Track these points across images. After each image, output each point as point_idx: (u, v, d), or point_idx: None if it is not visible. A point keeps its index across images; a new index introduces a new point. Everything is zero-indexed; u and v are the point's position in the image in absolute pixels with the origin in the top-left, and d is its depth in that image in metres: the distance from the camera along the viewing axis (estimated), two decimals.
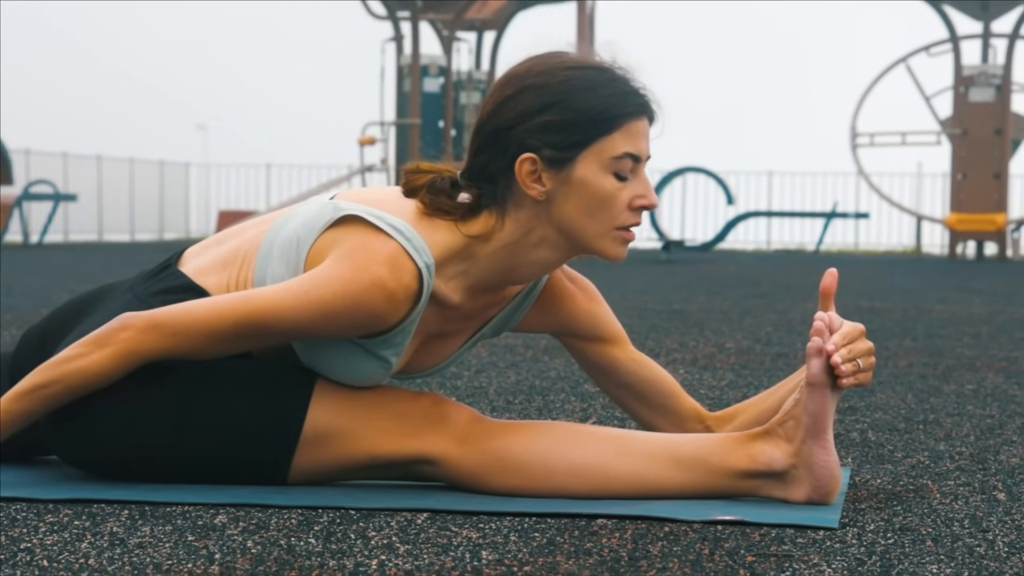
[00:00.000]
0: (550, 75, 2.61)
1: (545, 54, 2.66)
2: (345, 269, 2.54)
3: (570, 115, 2.58)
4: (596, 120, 2.59)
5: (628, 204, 2.62)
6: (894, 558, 2.19)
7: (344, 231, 2.59)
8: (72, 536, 2.25)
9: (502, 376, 4.68)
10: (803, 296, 10.16)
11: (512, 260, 2.65)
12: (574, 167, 2.59)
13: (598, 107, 2.59)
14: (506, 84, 2.64)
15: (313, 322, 2.55)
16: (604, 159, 2.59)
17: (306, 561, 2.11)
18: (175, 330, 2.55)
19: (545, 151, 2.58)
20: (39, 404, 2.58)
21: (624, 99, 2.61)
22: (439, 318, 2.67)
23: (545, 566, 2.10)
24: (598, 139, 2.59)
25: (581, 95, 2.59)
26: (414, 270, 2.56)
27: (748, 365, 5.19)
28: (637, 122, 2.62)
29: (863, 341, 2.59)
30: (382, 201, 2.64)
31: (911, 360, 5.47)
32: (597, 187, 2.60)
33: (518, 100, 2.60)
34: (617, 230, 2.63)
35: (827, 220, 25.53)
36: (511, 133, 2.60)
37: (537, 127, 2.58)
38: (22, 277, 11.57)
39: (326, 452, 2.64)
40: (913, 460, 3.14)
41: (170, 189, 33.66)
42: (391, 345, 2.61)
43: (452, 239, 2.62)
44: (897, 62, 22.95)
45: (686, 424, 2.91)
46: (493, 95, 2.64)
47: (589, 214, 2.61)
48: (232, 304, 2.56)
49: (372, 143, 22.19)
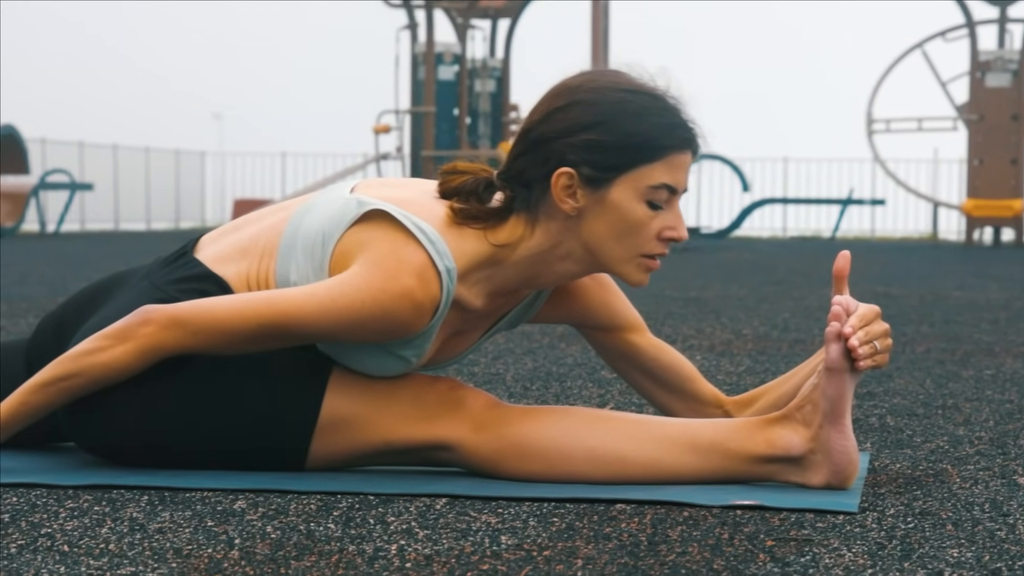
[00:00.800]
0: (602, 94, 2.59)
1: (601, 71, 2.65)
2: (374, 277, 2.53)
3: (615, 137, 2.57)
4: (640, 147, 2.57)
5: (657, 234, 2.61)
6: (914, 542, 2.18)
7: (371, 231, 2.58)
8: (92, 521, 2.25)
9: (519, 363, 4.68)
10: (820, 283, 10.15)
11: (536, 269, 2.65)
12: (610, 189, 2.58)
13: (645, 134, 2.57)
14: (558, 95, 2.62)
15: (339, 329, 2.55)
16: (641, 186, 2.58)
17: (325, 546, 2.11)
18: (197, 328, 2.55)
19: (584, 168, 2.57)
20: (58, 396, 2.58)
21: (672, 131, 2.59)
22: (459, 319, 2.67)
23: (564, 551, 2.10)
24: (639, 166, 2.57)
25: (630, 119, 2.57)
26: (439, 278, 2.56)
27: (765, 351, 5.18)
28: (680, 155, 2.60)
29: (879, 323, 2.59)
30: (408, 202, 2.62)
31: (929, 346, 5.46)
32: (629, 213, 2.59)
33: (567, 113, 2.59)
34: (642, 257, 2.62)
35: (843, 207, 25.49)
36: (554, 144, 2.58)
37: (580, 143, 2.57)
38: (39, 266, 11.59)
39: (343, 439, 2.64)
40: (932, 445, 3.14)
41: (186, 178, 33.70)
42: (413, 347, 2.61)
43: (479, 248, 2.60)
44: (913, 47, 22.90)
45: (704, 409, 2.91)
46: (543, 103, 2.63)
47: (617, 237, 2.60)
48: (257, 306, 2.56)
49: (387, 131, 22.18)
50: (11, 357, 2.88)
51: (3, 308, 6.81)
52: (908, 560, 2.07)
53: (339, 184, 2.74)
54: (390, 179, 2.77)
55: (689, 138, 2.61)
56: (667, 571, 1.98)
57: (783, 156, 30.51)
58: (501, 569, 1.99)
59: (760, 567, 2.01)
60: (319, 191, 2.75)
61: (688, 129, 2.61)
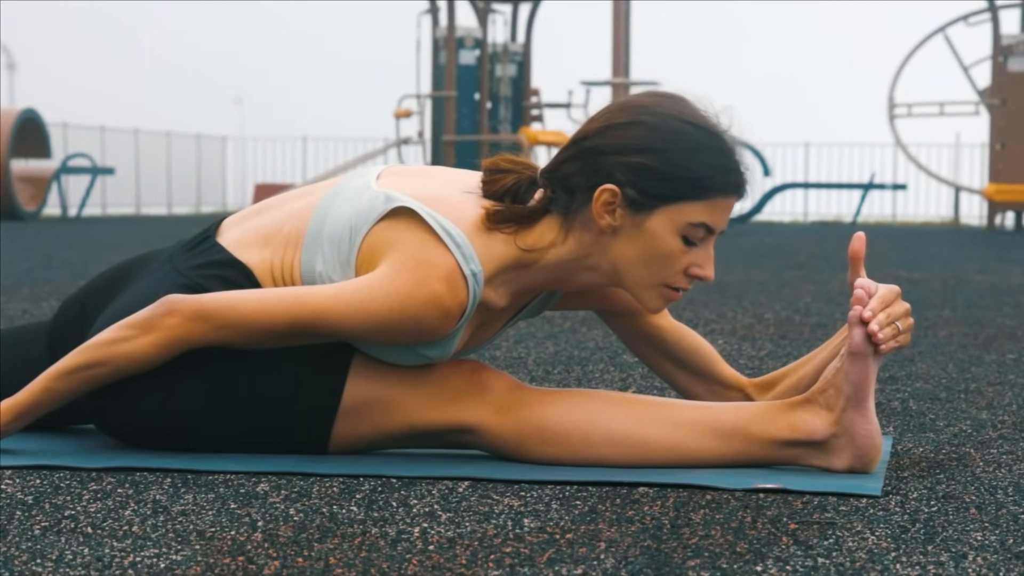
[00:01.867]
0: (664, 120, 2.57)
1: (669, 95, 2.62)
2: (403, 282, 2.53)
3: (668, 168, 2.55)
4: (690, 183, 2.55)
5: (685, 268, 2.60)
6: (938, 525, 2.18)
7: (399, 230, 2.57)
8: (116, 503, 2.26)
9: (540, 347, 4.68)
10: (841, 267, 10.13)
11: (560, 275, 2.64)
12: (650, 216, 2.56)
13: (696, 172, 2.55)
14: (620, 110, 2.60)
15: (365, 331, 2.55)
16: (680, 221, 2.57)
17: (348, 529, 2.11)
18: (223, 323, 2.55)
19: (629, 190, 2.56)
20: (81, 384, 2.58)
21: (724, 175, 2.57)
22: (481, 315, 2.66)
23: (587, 534, 2.10)
24: (683, 201, 2.56)
25: (685, 153, 2.55)
26: (466, 283, 2.55)
27: (787, 335, 5.17)
28: (726, 199, 2.59)
29: (900, 303, 2.58)
30: (436, 199, 2.60)
31: (951, 330, 5.45)
32: (663, 243, 2.58)
33: (626, 131, 2.57)
34: (665, 287, 2.62)
35: (864, 191, 25.43)
36: (606, 159, 2.57)
37: (632, 165, 2.55)
38: (60, 250, 11.62)
39: (365, 422, 2.64)
40: (955, 429, 3.13)
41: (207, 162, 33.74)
42: (437, 348, 2.61)
43: (506, 251, 2.59)
44: (935, 32, 22.82)
45: (726, 392, 2.90)
46: (604, 115, 2.61)
47: (645, 264, 2.59)
48: (285, 304, 2.55)
49: (408, 116, 22.18)
50: (32, 339, 2.88)
51: (26, 291, 6.83)
52: (932, 543, 2.06)
53: (365, 171, 2.73)
54: (417, 167, 2.76)
55: (738, 184, 2.59)
56: (690, 554, 1.98)
57: (804, 141, 30.44)
58: (524, 552, 1.99)
59: (783, 550, 2.01)
60: (344, 177, 2.73)
61: (740, 175, 2.59)
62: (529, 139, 21.14)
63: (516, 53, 23.12)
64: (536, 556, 1.96)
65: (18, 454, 2.62)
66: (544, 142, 21.43)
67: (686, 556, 1.97)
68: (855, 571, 1.90)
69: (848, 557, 1.97)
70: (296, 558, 1.93)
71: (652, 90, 2.66)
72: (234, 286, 2.65)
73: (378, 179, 2.68)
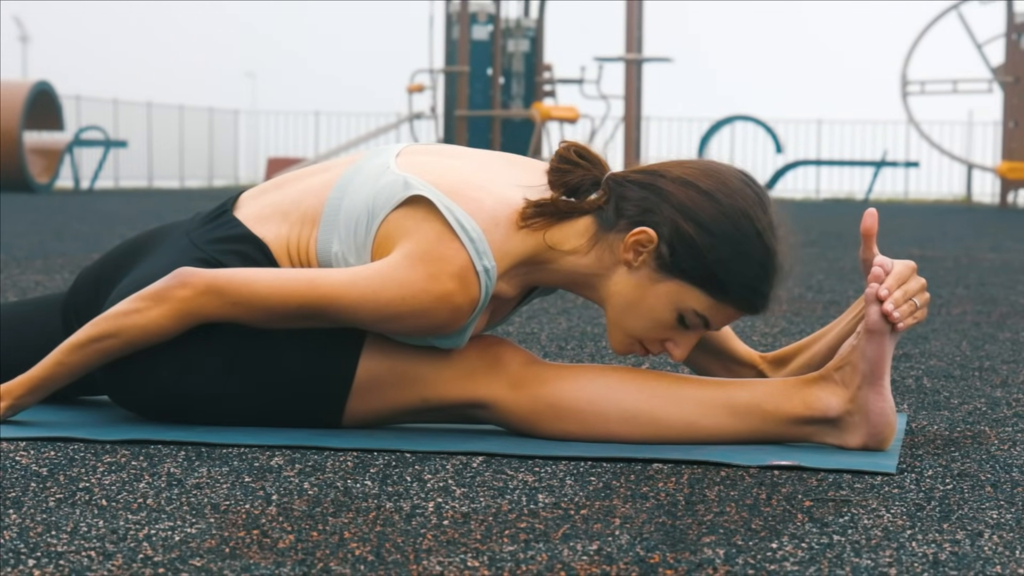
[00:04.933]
0: (736, 212, 2.54)
1: (756, 188, 2.58)
2: (417, 276, 2.52)
3: (707, 255, 2.53)
4: (716, 280, 2.54)
5: (662, 338, 2.61)
6: (953, 503, 2.17)
7: (415, 219, 2.55)
8: (130, 476, 2.26)
9: (553, 323, 4.67)
10: (854, 244, 10.11)
11: (566, 282, 2.63)
12: (664, 280, 2.55)
13: (728, 276, 2.53)
14: (708, 175, 2.57)
15: (377, 320, 2.55)
16: (686, 302, 2.56)
17: (363, 503, 2.11)
18: (236, 299, 2.55)
19: (664, 247, 2.54)
20: (94, 357, 2.58)
21: (749, 295, 2.56)
22: (492, 304, 2.66)
23: (602, 509, 2.10)
24: (699, 288, 2.55)
25: (731, 254, 2.53)
26: (478, 279, 2.55)
27: (800, 312, 5.16)
28: (737, 312, 2.59)
29: (916, 279, 2.57)
30: (454, 189, 2.56)
31: (964, 308, 5.44)
32: (658, 310, 2.57)
33: (699, 197, 2.54)
34: (637, 341, 2.62)
35: (877, 169, 25.38)
36: (664, 208, 2.55)
37: (681, 230, 2.53)
38: (73, 222, 11.63)
39: (379, 397, 2.64)
40: (969, 407, 3.12)
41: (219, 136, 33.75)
42: (448, 339, 2.60)
43: (524, 246, 2.58)
44: (949, 9, 22.75)
45: (739, 368, 2.90)
46: (694, 169, 2.58)
47: (632, 315, 2.59)
48: (298, 286, 2.55)
49: (421, 91, 22.16)
50: (47, 312, 2.88)
51: (39, 263, 6.84)
52: (947, 521, 2.06)
53: (384, 149, 2.71)
54: (437, 147, 2.74)
55: (756, 309, 2.59)
56: (705, 531, 1.98)
57: (816, 118, 30.38)
58: (539, 527, 1.98)
59: (799, 527, 2.01)
60: (364, 154, 2.72)
61: (763, 303, 2.58)
62: (542, 114, 21.12)
63: (529, 28, 23.07)
64: (551, 532, 1.96)
65: (32, 426, 2.62)
66: (556, 117, 21.41)
67: (701, 532, 1.97)
68: (871, 548, 1.89)
69: (864, 535, 1.97)
70: (311, 532, 1.93)
71: (749, 175, 2.62)
72: (250, 262, 2.65)
73: (398, 158, 2.67)
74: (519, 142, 21.81)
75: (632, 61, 20.64)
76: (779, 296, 2.61)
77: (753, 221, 2.55)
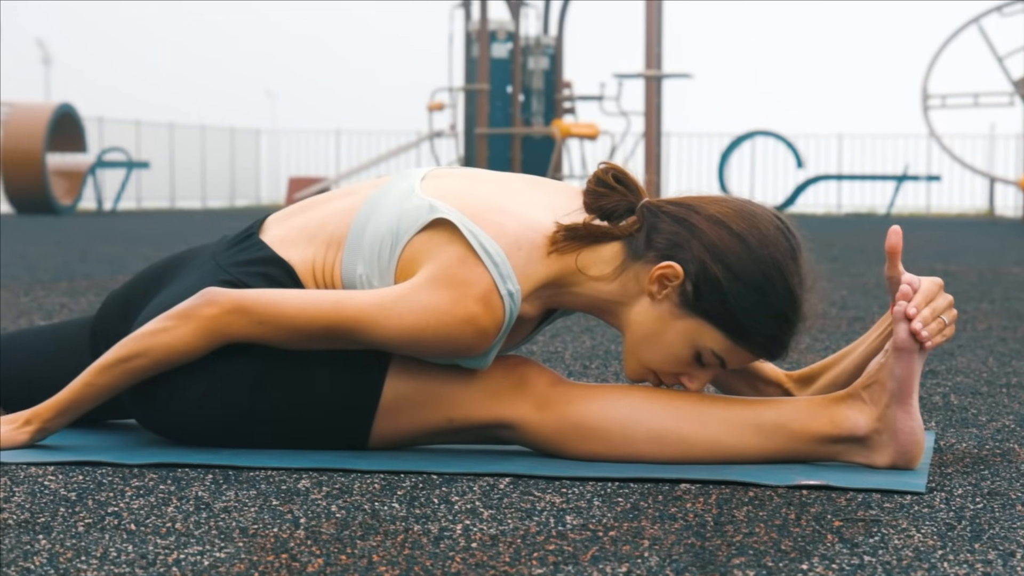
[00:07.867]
0: (765, 258, 2.54)
1: (787, 235, 2.58)
2: (442, 300, 2.52)
3: (732, 298, 2.53)
4: (737, 324, 2.54)
5: (676, 371, 2.61)
6: (984, 522, 2.16)
7: (439, 242, 2.55)
8: (158, 500, 2.26)
9: (577, 341, 4.67)
10: (876, 259, 10.08)
11: (588, 306, 2.63)
12: (685, 317, 2.56)
13: (750, 321, 2.54)
14: (741, 217, 2.56)
15: (402, 343, 2.55)
16: (704, 341, 2.56)
17: (391, 526, 2.11)
18: (262, 319, 2.56)
19: (689, 285, 2.54)
20: (122, 378, 2.59)
21: (769, 342, 2.57)
22: (516, 325, 2.66)
23: (630, 531, 2.09)
24: (720, 331, 2.55)
25: (755, 300, 2.53)
26: (503, 303, 2.55)
27: (824, 329, 5.15)
28: (754, 357, 2.60)
29: (943, 296, 2.56)
30: (478, 214, 2.56)
31: (990, 323, 5.42)
32: (676, 346, 2.58)
33: (730, 239, 2.54)
34: (651, 371, 2.62)
35: (898, 183, 25.33)
36: (694, 245, 2.54)
37: (708, 270, 2.53)
38: (97, 244, 11.66)
39: (405, 417, 2.63)
40: (998, 424, 3.11)
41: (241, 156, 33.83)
42: (473, 360, 2.61)
43: (548, 270, 2.58)
44: (969, 22, 22.71)
45: (765, 387, 2.88)
46: (729, 208, 2.58)
47: (650, 347, 2.59)
48: (324, 308, 2.55)
49: (441, 109, 22.19)
50: (75, 336, 2.89)
51: (64, 286, 6.85)
52: (979, 541, 2.05)
53: (410, 172, 2.72)
54: (464, 170, 2.74)
55: (774, 355, 2.60)
56: (735, 552, 1.97)
57: (837, 132, 30.35)
58: (568, 549, 1.98)
59: (829, 548, 2.00)
60: (390, 178, 2.72)
61: (782, 350, 2.59)
62: (562, 132, 21.12)
63: (548, 46, 23.10)
64: (580, 554, 1.96)
65: (61, 450, 2.62)
66: (576, 134, 21.41)
67: (731, 554, 1.96)
68: (902, 569, 1.89)
69: (895, 555, 1.96)
70: (339, 556, 1.93)
71: (785, 219, 2.61)
72: (276, 284, 2.65)
73: (423, 181, 2.67)
74: (539, 159, 21.83)
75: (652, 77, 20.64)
76: (800, 342, 2.60)
77: (782, 270, 2.55)
